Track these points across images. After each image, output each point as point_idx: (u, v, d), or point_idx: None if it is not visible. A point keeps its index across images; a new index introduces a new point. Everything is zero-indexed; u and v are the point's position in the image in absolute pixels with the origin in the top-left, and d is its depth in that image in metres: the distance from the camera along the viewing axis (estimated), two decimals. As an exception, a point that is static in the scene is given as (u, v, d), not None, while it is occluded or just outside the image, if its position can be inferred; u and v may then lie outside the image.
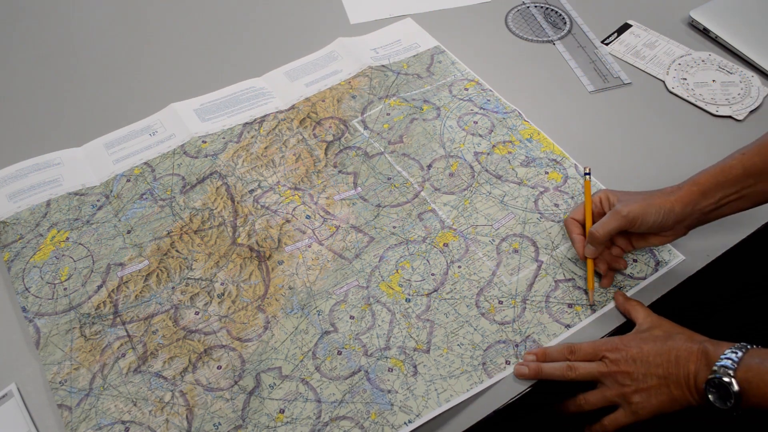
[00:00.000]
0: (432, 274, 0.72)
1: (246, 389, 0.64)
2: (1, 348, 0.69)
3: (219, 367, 0.66)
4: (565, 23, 0.99)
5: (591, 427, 0.65)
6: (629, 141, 0.84)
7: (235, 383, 0.65)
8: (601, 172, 0.79)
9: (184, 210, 0.78)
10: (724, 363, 0.57)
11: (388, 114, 0.87)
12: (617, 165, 0.81)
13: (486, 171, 0.80)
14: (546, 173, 0.80)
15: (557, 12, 1.00)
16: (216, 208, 0.78)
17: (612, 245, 0.70)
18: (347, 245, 0.74)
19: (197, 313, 0.70)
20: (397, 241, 0.75)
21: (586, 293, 0.70)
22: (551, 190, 0.78)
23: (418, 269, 0.72)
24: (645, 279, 0.71)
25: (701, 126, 0.85)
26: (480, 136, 0.84)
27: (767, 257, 0.85)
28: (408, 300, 0.70)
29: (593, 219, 0.71)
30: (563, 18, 0.99)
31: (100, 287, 0.72)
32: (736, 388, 0.56)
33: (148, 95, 0.92)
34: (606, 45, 0.95)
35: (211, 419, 0.63)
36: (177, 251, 0.74)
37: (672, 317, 0.66)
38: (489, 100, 0.88)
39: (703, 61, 0.91)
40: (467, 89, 0.89)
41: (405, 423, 0.62)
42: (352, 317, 0.69)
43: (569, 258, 0.73)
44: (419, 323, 0.68)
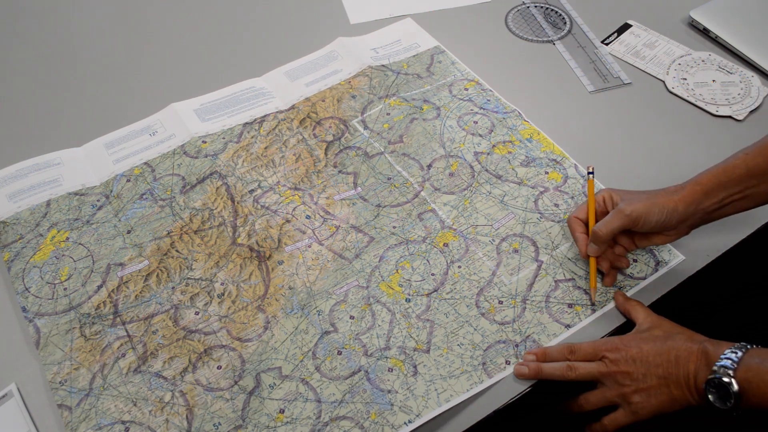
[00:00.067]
0: (432, 274, 0.72)
1: (246, 389, 0.64)
2: (1, 348, 0.69)
3: (219, 367, 0.66)
4: (565, 23, 0.99)
5: (591, 427, 0.65)
6: (629, 141, 0.84)
7: (235, 383, 0.65)
8: (602, 172, 0.79)
9: (184, 210, 0.78)
10: (724, 363, 0.57)
11: (388, 114, 0.87)
12: (617, 165, 0.81)
13: (486, 171, 0.80)
14: (546, 173, 0.80)
15: (557, 12, 1.00)
16: (216, 208, 0.78)
17: (615, 244, 0.70)
18: (347, 245, 0.74)
19: (197, 313, 0.70)
20: (397, 241, 0.75)
21: (587, 292, 0.70)
22: (551, 190, 0.78)
23: (418, 269, 0.72)
24: (645, 279, 0.71)
25: (701, 126, 0.85)
26: (480, 136, 0.84)
27: (767, 257, 0.85)
28: (408, 300, 0.70)
29: (596, 218, 0.71)
30: (563, 18, 0.99)
31: (100, 287, 0.72)
32: (735, 388, 0.56)
33: (148, 95, 0.92)
34: (606, 45, 0.95)
35: (211, 419, 0.63)
36: (177, 251, 0.74)
37: (672, 317, 0.66)
38: (489, 100, 0.88)
39: (703, 61, 0.91)
40: (467, 89, 0.89)
41: (405, 423, 0.62)
42: (352, 317, 0.69)
43: (569, 258, 0.73)
44: (419, 323, 0.68)
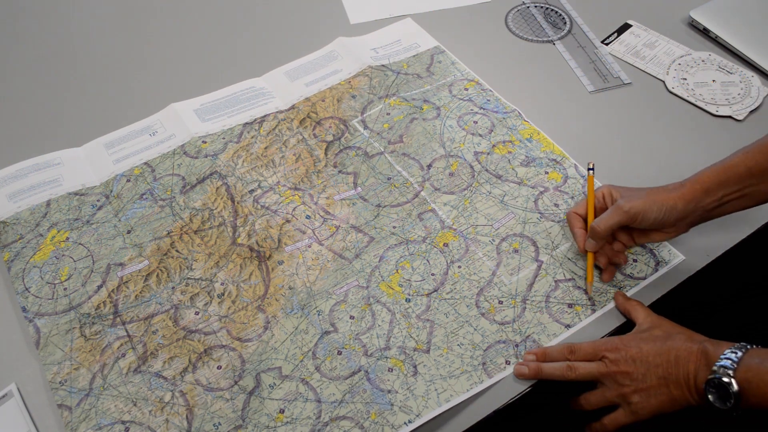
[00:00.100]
0: (432, 274, 0.72)
1: (246, 389, 0.64)
2: (1, 348, 0.69)
3: (219, 367, 0.66)
4: (565, 23, 0.98)
5: (591, 426, 0.65)
6: (629, 141, 0.84)
7: (235, 383, 0.65)
8: (601, 171, 0.79)
9: (184, 210, 0.78)
10: (723, 363, 0.57)
11: (388, 114, 0.87)
12: (617, 165, 0.81)
13: (486, 171, 0.80)
14: (546, 173, 0.80)
15: (557, 12, 1.00)
16: (216, 208, 0.78)
17: (614, 240, 0.71)
18: (347, 245, 0.74)
19: (197, 313, 0.70)
20: (397, 241, 0.75)
21: (585, 292, 0.70)
22: (551, 190, 0.78)
23: (418, 269, 0.72)
24: (645, 279, 0.71)
25: (701, 126, 0.85)
26: (480, 135, 0.84)
27: (767, 257, 0.85)
28: (408, 300, 0.70)
29: (595, 214, 0.71)
30: (563, 18, 0.99)
31: (100, 287, 0.72)
32: (735, 388, 0.56)
33: (148, 95, 0.92)
34: (606, 45, 0.95)
35: (211, 419, 0.63)
36: (177, 251, 0.74)
37: (672, 317, 0.66)
38: (489, 100, 0.88)
39: (703, 61, 0.91)
40: (467, 89, 0.89)
41: (405, 423, 0.62)
42: (352, 317, 0.69)
43: (569, 258, 0.73)
44: (419, 323, 0.68)
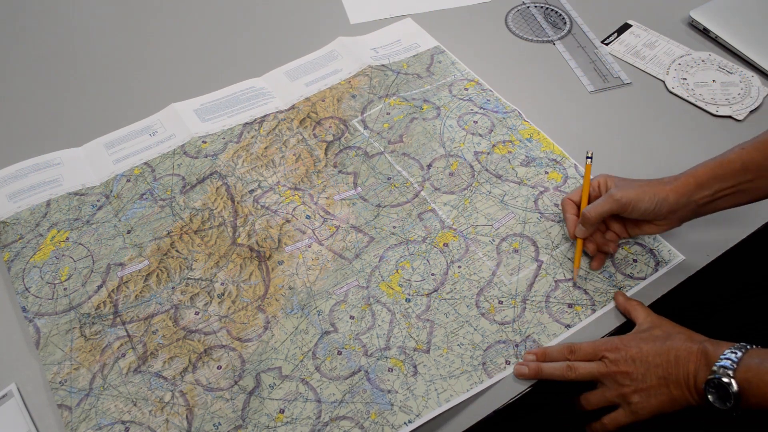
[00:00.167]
0: (432, 274, 0.72)
1: (246, 389, 0.64)
2: (1, 348, 0.69)
3: (219, 367, 0.66)
4: (565, 23, 0.98)
5: (591, 426, 0.65)
6: (629, 141, 0.84)
7: (235, 383, 0.65)
8: (601, 171, 0.79)
9: (184, 210, 0.78)
10: (723, 363, 0.57)
11: (388, 113, 0.87)
12: (617, 165, 0.81)
13: (486, 170, 0.80)
14: (546, 173, 0.80)
15: (557, 12, 1.00)
16: (216, 208, 0.78)
17: (607, 230, 0.71)
18: (347, 245, 0.74)
19: (197, 313, 0.70)
20: (397, 241, 0.75)
21: (587, 292, 0.70)
22: (551, 189, 0.78)
23: (418, 269, 0.72)
24: (645, 279, 0.71)
25: (701, 126, 0.85)
26: (480, 135, 0.84)
27: (767, 257, 0.85)
28: (408, 300, 0.70)
29: (589, 202, 0.71)
30: (563, 18, 0.99)
31: (100, 287, 0.72)
32: (735, 388, 0.56)
33: (148, 95, 0.92)
34: (606, 45, 0.95)
35: (211, 419, 0.63)
36: (177, 251, 0.74)
37: (672, 317, 0.66)
38: (489, 99, 0.88)
39: (703, 61, 0.91)
40: (467, 89, 0.89)
41: (405, 423, 0.62)
42: (352, 317, 0.69)
43: (569, 258, 0.73)
44: (419, 323, 0.68)
